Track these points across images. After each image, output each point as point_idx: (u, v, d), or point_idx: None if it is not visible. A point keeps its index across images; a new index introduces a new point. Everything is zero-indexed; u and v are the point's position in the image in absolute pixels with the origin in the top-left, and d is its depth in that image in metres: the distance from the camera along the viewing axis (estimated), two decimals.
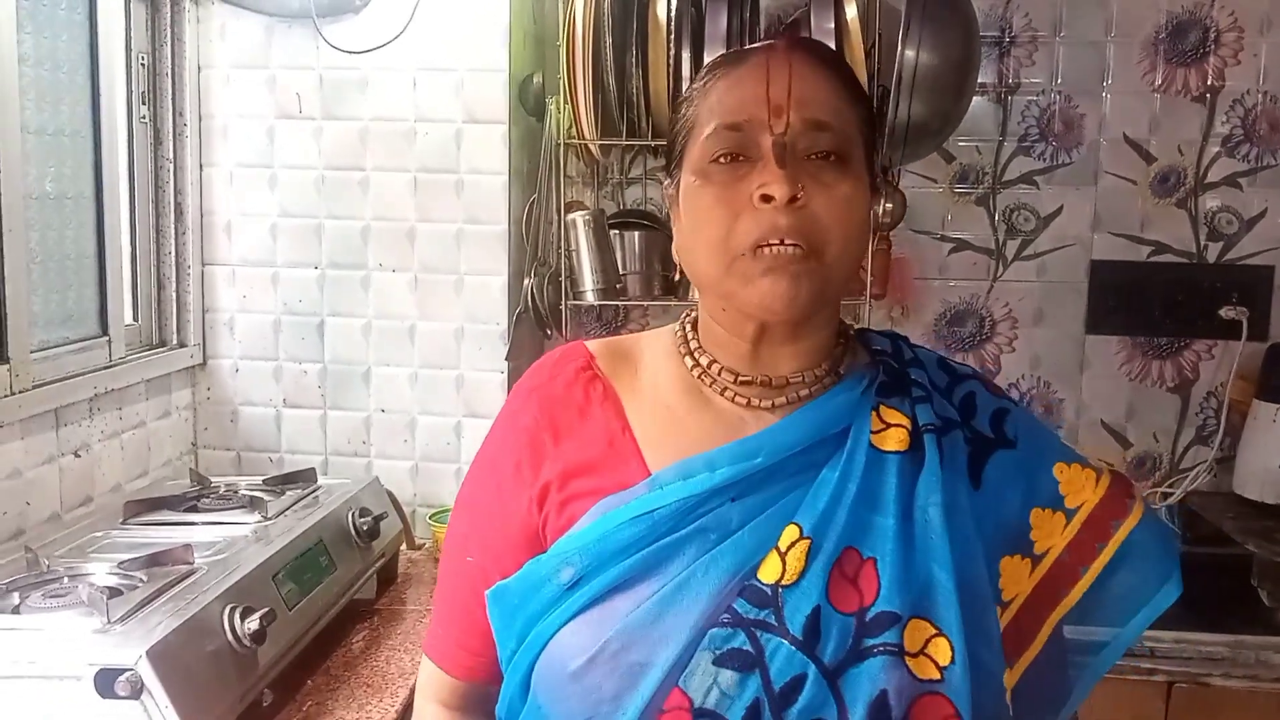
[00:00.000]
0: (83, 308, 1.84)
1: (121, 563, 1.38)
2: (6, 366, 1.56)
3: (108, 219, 1.88)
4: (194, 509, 1.68)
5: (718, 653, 0.77)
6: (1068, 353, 2.24)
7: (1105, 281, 2.21)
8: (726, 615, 0.78)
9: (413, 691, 1.45)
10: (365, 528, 1.71)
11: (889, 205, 2.06)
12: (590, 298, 2.02)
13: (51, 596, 1.29)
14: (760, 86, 0.80)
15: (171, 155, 2.05)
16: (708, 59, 1.92)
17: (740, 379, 0.86)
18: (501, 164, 1.99)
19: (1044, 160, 2.21)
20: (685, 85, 1.93)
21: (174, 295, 2.07)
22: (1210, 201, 2.18)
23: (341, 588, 1.61)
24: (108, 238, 1.88)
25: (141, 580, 1.33)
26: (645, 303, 2.15)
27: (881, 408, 0.85)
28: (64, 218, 1.78)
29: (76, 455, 1.74)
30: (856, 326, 0.94)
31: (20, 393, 1.58)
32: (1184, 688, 1.77)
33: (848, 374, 0.88)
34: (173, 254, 2.07)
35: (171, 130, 2.05)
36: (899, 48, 1.84)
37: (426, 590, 1.84)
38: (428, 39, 1.96)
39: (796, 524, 0.80)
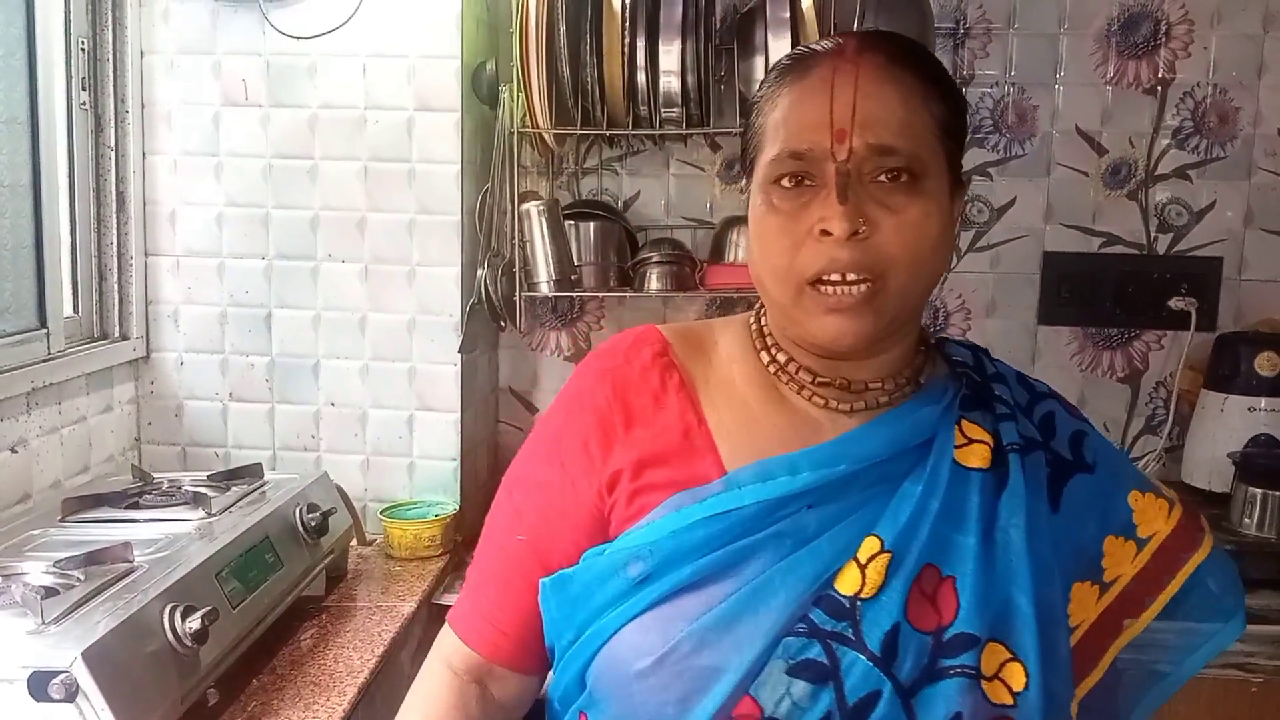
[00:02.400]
0: (20, 299, 1.79)
1: (58, 561, 1.33)
2: None
3: (46, 208, 1.82)
4: (135, 506, 1.64)
5: (792, 662, 0.75)
6: (1020, 343, 2.26)
7: (1057, 273, 2.22)
8: (803, 625, 0.76)
9: (362, 690, 1.43)
10: (313, 523, 1.67)
11: None
12: (545, 289, 2.00)
13: None
14: (824, 107, 0.77)
15: (113, 143, 1.99)
16: (662, 48, 1.91)
17: (819, 379, 0.84)
18: (454, 153, 1.95)
19: (997, 152, 2.22)
20: (640, 74, 1.91)
21: (116, 287, 2.02)
22: (1160, 193, 2.21)
23: (288, 585, 1.58)
24: (46, 227, 1.83)
25: (79, 579, 1.29)
26: (601, 294, 2.13)
27: (964, 422, 0.84)
28: (3, 207, 1.72)
29: (13, 451, 1.68)
30: (937, 335, 0.93)
31: None
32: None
33: (928, 384, 0.86)
34: (114, 244, 2.01)
35: (113, 117, 1.99)
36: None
37: (377, 586, 1.81)
38: (378, 24, 1.92)
39: (877, 536, 0.78)
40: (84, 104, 1.96)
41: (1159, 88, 2.18)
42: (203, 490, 1.65)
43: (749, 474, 0.81)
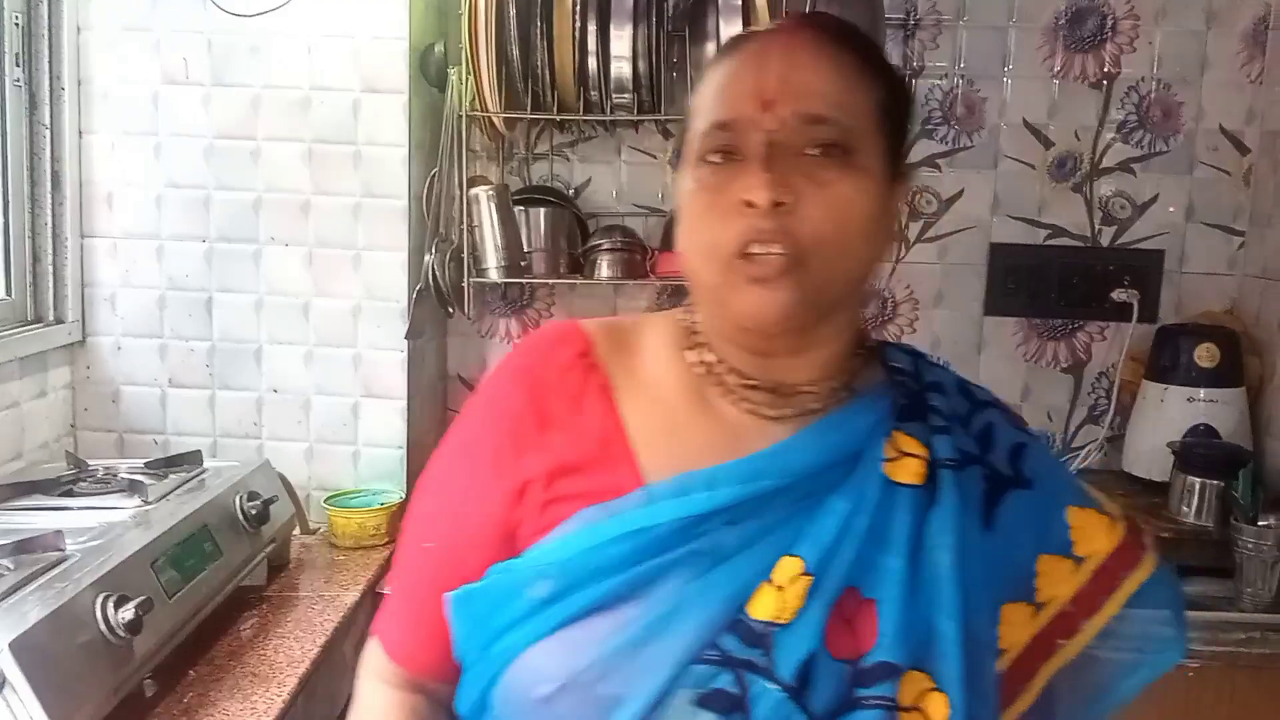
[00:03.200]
0: None
1: None
2: None
3: None
4: (69, 493, 1.60)
5: (700, 692, 0.71)
6: (966, 334, 2.28)
7: (1003, 264, 2.24)
8: (713, 652, 0.72)
9: (302, 681, 1.40)
10: (254, 512, 1.64)
11: None
12: (494, 275, 1.97)
13: None
14: (753, 78, 0.74)
15: (48, 121, 1.93)
16: (613, 33, 1.90)
17: (747, 382, 0.80)
18: (402, 136, 1.92)
19: (946, 144, 2.23)
20: (591, 59, 1.89)
21: (50, 269, 1.96)
22: (1105, 186, 2.24)
23: (228, 574, 1.54)
24: None
25: (8, 568, 1.25)
26: (551, 281, 2.11)
27: (898, 434, 0.79)
28: None
29: None
30: (877, 340, 0.88)
31: None
32: None
33: (863, 391, 0.82)
34: (49, 225, 1.95)
35: (48, 95, 1.93)
36: None
37: (320, 575, 1.79)
38: (324, 3, 1.88)
39: (799, 557, 0.74)
40: (17, 81, 1.90)
41: (1104, 82, 2.21)
42: (139, 478, 1.62)
43: (667, 489, 0.76)
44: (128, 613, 1.22)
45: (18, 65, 1.90)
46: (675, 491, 0.76)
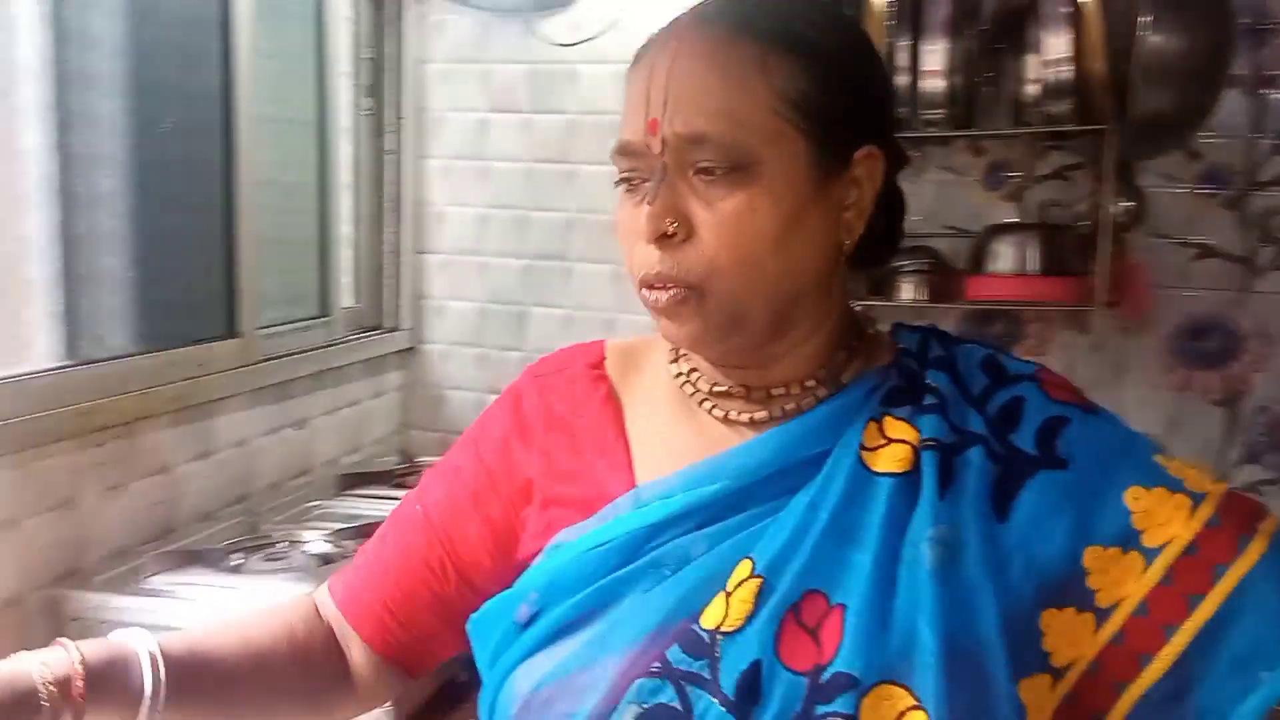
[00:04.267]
0: (306, 290, 1.94)
1: (334, 531, 1.43)
2: (238, 341, 1.66)
3: (330, 206, 1.98)
4: (402, 485, 1.75)
5: (644, 707, 0.66)
6: None
7: None
8: (657, 664, 0.67)
9: None
10: None
11: (1127, 204, 1.90)
12: None
13: (269, 560, 1.36)
14: (640, 96, 0.69)
15: (390, 147, 2.14)
16: (925, 48, 1.84)
17: (716, 389, 0.75)
18: None
19: None
20: (901, 75, 1.84)
21: (390, 281, 2.16)
22: None
23: None
24: (330, 224, 1.98)
25: (353, 549, 1.38)
26: (850, 303, 2.07)
27: (887, 419, 0.72)
28: (291, 204, 1.88)
29: (297, 428, 1.83)
30: (890, 325, 0.80)
31: (249, 366, 1.67)
32: None
33: (853, 383, 0.75)
34: (390, 242, 2.15)
35: (392, 123, 2.13)
36: (1140, 31, 1.69)
37: None
38: (639, 30, 1.95)
39: (750, 559, 0.68)
40: (367, 110, 2.11)
41: None
42: None
43: (627, 501, 0.73)
44: None
45: (367, 96, 2.11)
46: (633, 503, 0.73)
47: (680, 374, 0.77)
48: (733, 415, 0.75)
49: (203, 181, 1.62)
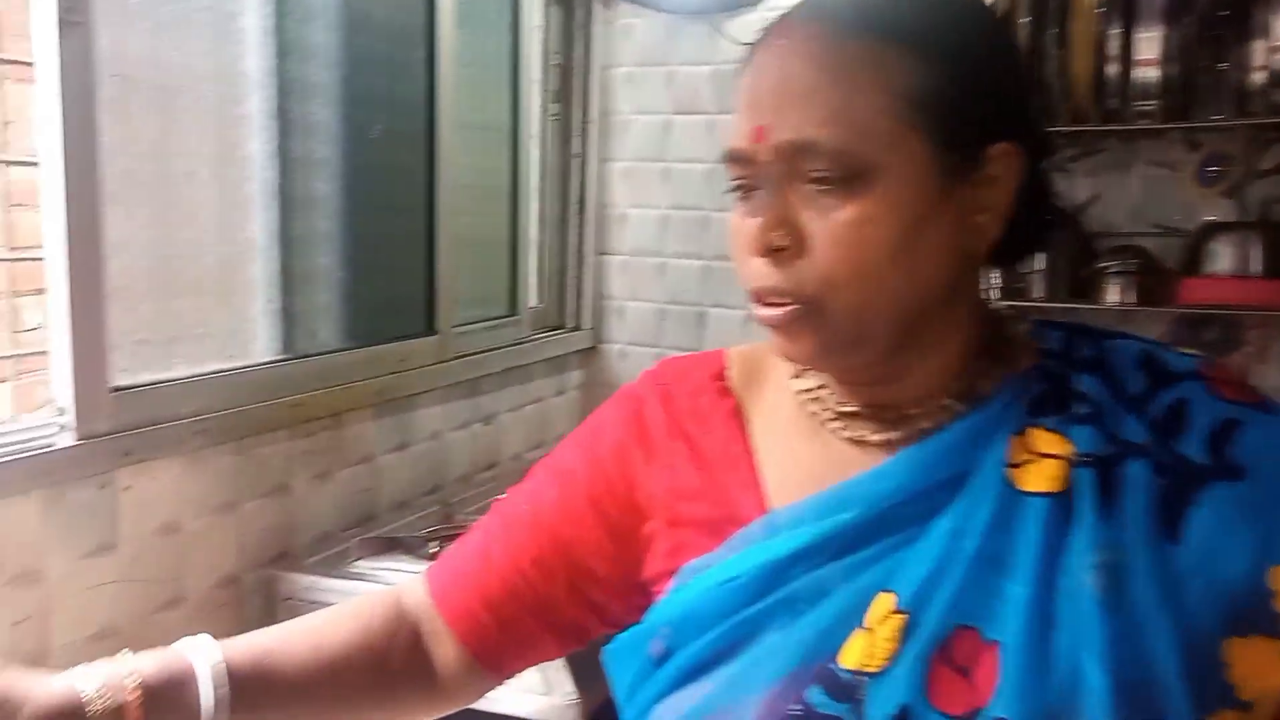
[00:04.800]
0: (497, 290, 2.00)
1: None
2: (435, 338, 1.72)
3: (521, 209, 2.03)
4: None
5: None
6: None
7: None
8: (798, 708, 0.62)
9: None
10: None
11: None
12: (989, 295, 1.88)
13: None
14: (749, 100, 0.65)
15: (576, 150, 2.18)
16: (1140, 35, 1.73)
17: (841, 408, 0.70)
18: None
19: None
20: (1111, 64, 1.75)
21: (572, 281, 2.20)
22: None
23: None
24: (520, 226, 2.03)
25: None
26: (1048, 305, 1.97)
27: (1032, 432, 0.65)
28: (483, 206, 1.94)
29: (486, 423, 1.89)
30: (1035, 324, 0.72)
31: (444, 362, 1.74)
32: None
33: (995, 393, 0.68)
34: (574, 243, 2.19)
35: (578, 127, 2.17)
36: None
37: None
38: None
39: (892, 592, 0.63)
40: (555, 115, 2.16)
41: None
42: None
43: (758, 530, 0.68)
44: None
45: (555, 101, 2.16)
46: (764, 533, 0.67)
47: (804, 390, 0.72)
48: (864, 436, 0.69)
49: (406, 185, 1.69)
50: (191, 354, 1.30)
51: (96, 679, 0.63)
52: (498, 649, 0.77)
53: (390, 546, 1.40)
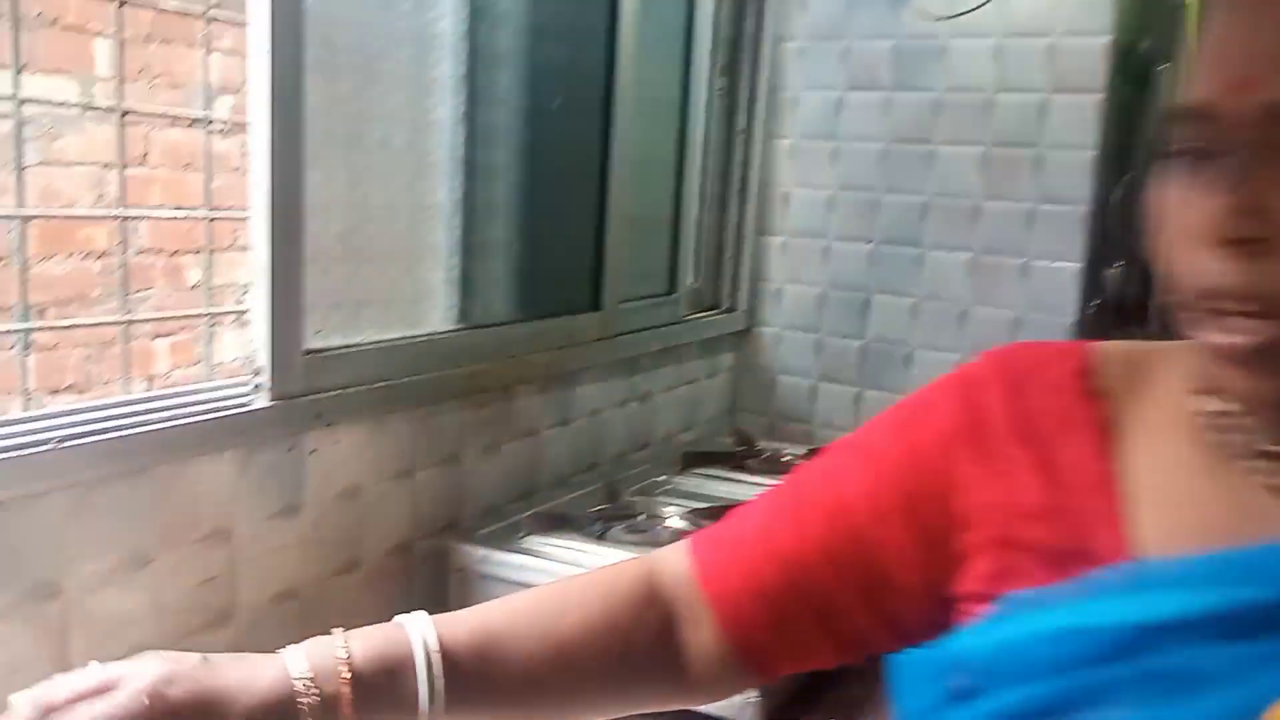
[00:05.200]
0: (656, 267, 1.96)
1: (691, 510, 1.43)
2: (600, 314, 1.69)
3: (685, 185, 1.98)
4: (741, 468, 1.73)
5: None
6: None
7: None
8: None
9: None
10: None
11: None
12: None
13: (631, 531, 1.38)
14: (1235, 41, 0.51)
15: (741, 126, 2.11)
16: None
17: (1264, 446, 0.55)
18: (1090, 139, 1.79)
19: None
20: None
21: (729, 261, 2.15)
22: None
23: None
24: (683, 203, 1.99)
25: (696, 526, 1.37)
26: None
27: None
28: (649, 181, 1.90)
29: (642, 402, 1.86)
30: None
31: (607, 339, 1.71)
32: None
33: None
34: (733, 222, 2.14)
35: (745, 102, 2.11)
36: None
37: None
38: (1021, 1, 1.82)
39: None
40: (721, 89, 2.10)
41: None
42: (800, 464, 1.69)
43: (1120, 579, 0.55)
44: None
45: (722, 75, 2.10)
46: (1130, 584, 0.55)
47: (1210, 413, 0.58)
48: None
49: (582, 158, 1.66)
50: (377, 319, 1.30)
51: (307, 667, 0.59)
52: (764, 644, 0.67)
53: (559, 523, 1.38)
